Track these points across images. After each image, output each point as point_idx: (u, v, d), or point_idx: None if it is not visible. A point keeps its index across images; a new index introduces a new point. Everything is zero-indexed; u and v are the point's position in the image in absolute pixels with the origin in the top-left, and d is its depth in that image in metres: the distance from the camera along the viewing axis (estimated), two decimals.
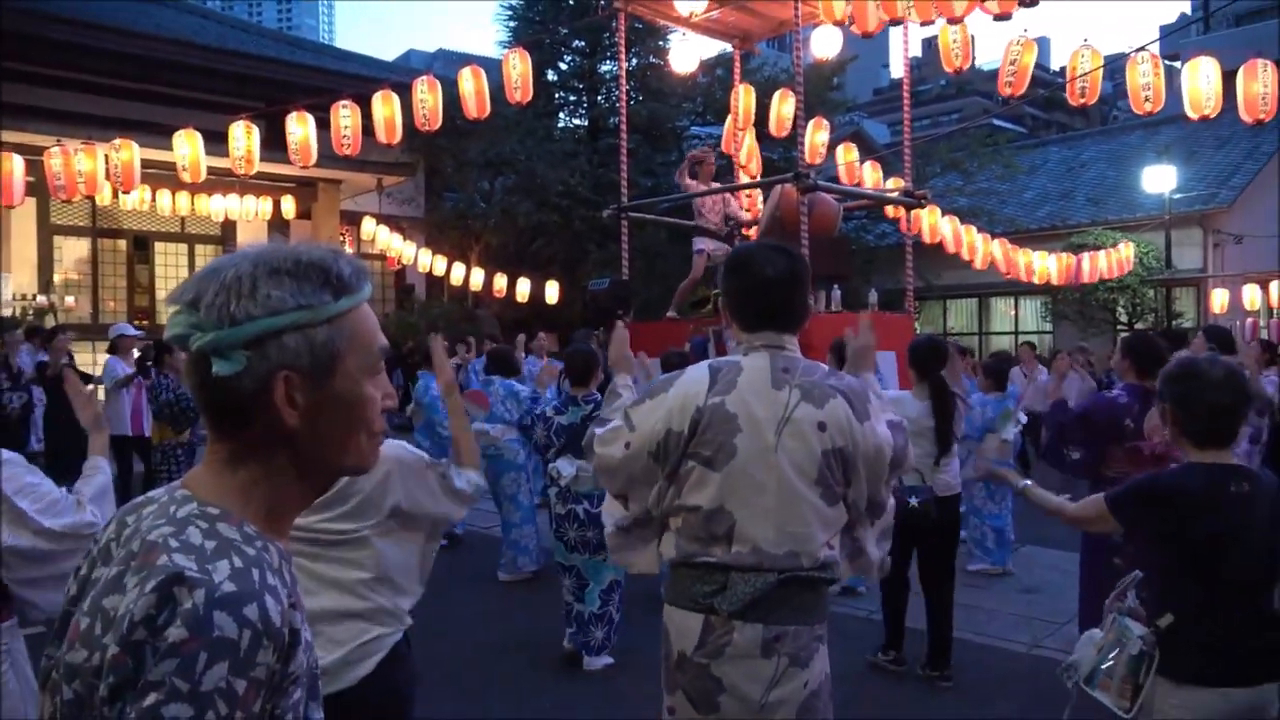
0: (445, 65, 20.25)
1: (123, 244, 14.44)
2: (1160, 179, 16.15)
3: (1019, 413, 7.00)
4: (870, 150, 16.07)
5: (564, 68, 18.75)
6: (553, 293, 13.79)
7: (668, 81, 16.09)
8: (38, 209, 12.78)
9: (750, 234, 9.31)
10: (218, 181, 12.43)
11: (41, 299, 12.79)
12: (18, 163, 9.08)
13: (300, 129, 8.69)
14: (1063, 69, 10.49)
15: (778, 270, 2.10)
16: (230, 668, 0.84)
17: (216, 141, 9.14)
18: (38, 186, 10.23)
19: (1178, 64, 12.07)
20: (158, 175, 11.49)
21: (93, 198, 11.09)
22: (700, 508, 2.02)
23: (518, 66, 8.34)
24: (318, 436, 1.00)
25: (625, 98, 10.19)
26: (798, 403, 2.01)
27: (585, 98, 18.97)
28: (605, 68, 18.41)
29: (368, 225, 13.98)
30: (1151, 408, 4.54)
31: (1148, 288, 16.50)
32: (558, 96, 18.94)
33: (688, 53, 9.80)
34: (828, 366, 2.19)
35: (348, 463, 1.05)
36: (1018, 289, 17.62)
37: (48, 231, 13.44)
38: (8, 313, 11.60)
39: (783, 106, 10.01)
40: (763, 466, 1.99)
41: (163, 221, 14.27)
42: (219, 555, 0.90)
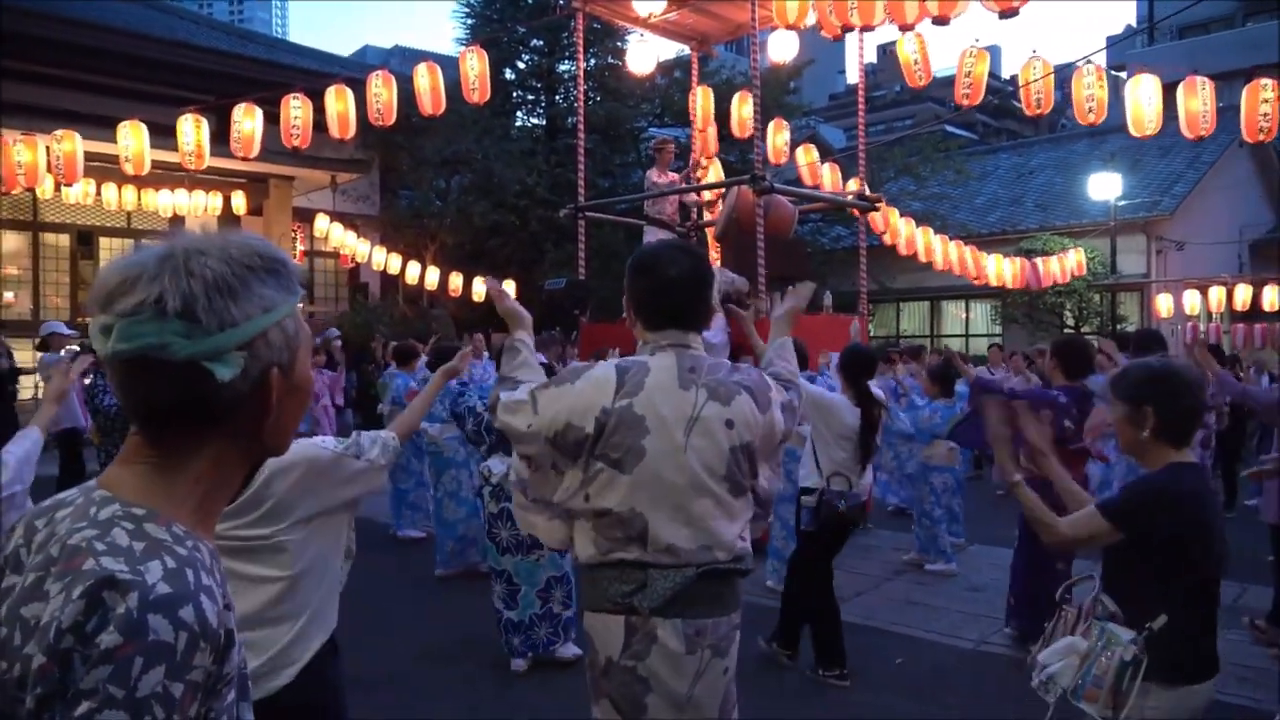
0: (401, 62, 20.10)
1: (66, 239, 14.05)
2: (1106, 186, 16.57)
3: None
4: (825, 154, 16.24)
5: (522, 66, 18.67)
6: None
7: (626, 82, 16.11)
8: None
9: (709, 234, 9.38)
10: (166, 176, 12.16)
11: None
12: None
13: (248, 121, 8.53)
14: (1013, 77, 10.68)
15: (681, 270, 2.13)
16: (167, 672, 0.81)
17: (165, 135, 8.94)
18: None
19: (1123, 74, 12.39)
20: (103, 169, 11.22)
21: (34, 190, 10.79)
22: (611, 510, 2.03)
23: (475, 66, 8.27)
24: (276, 426, 1.00)
25: (583, 98, 10.17)
26: (705, 401, 2.04)
27: (543, 97, 18.91)
28: (564, 67, 18.39)
29: (321, 222, 13.78)
30: (1093, 407, 4.66)
31: (1094, 292, 16.94)
32: (515, 95, 18.84)
33: (645, 54, 9.84)
34: (730, 363, 2.22)
35: (284, 448, 1.06)
36: (969, 293, 17.95)
37: None
38: None
39: (742, 108, 10.10)
40: (673, 467, 2.01)
41: (108, 216, 13.91)
42: (150, 556, 0.86)
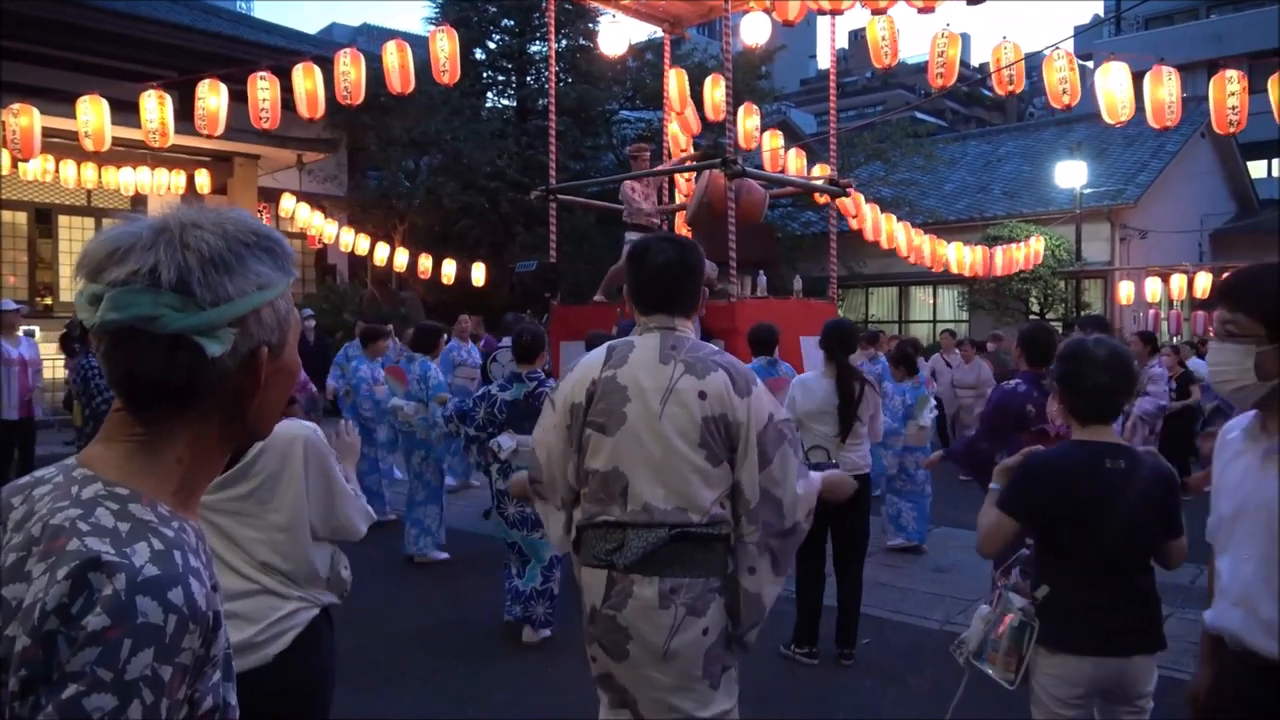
0: (370, 41, 19.77)
1: (23, 216, 13.73)
2: (1072, 174, 16.76)
3: (931, 400, 7.23)
4: (797, 139, 16.27)
5: (492, 47, 18.47)
6: (479, 275, 13.62)
7: (597, 64, 16.01)
8: None
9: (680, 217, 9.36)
10: (127, 153, 11.91)
11: None
12: None
13: (213, 98, 8.34)
14: (983, 65, 10.77)
15: (667, 259, 2.35)
16: (156, 654, 0.80)
17: (127, 111, 8.75)
18: None
19: (1090, 64, 12.54)
20: (62, 145, 10.96)
21: None
22: (598, 470, 2.25)
23: (445, 46, 8.15)
24: (263, 407, 1.00)
25: (554, 79, 10.08)
26: (681, 375, 2.24)
27: (514, 78, 18.73)
28: (535, 48, 18.21)
29: (287, 202, 13.54)
30: (1050, 393, 4.72)
31: (1059, 279, 17.17)
32: (485, 76, 18.65)
33: (617, 36, 9.76)
34: (714, 346, 2.40)
35: (267, 431, 1.05)
36: (937, 279, 18.13)
37: None
38: None
39: (715, 91, 10.09)
40: (650, 432, 2.21)
41: (67, 194, 13.62)
42: (136, 538, 0.85)
